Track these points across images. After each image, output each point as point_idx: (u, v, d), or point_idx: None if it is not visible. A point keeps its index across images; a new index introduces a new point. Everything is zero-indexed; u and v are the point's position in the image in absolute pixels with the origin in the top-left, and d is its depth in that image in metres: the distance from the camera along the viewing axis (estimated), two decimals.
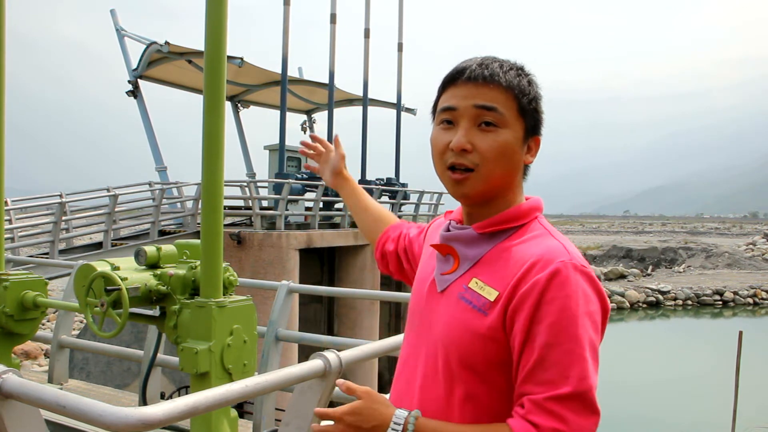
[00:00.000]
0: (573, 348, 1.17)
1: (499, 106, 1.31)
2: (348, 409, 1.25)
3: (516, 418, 1.19)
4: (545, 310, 1.19)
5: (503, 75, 1.32)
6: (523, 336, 1.21)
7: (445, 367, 1.31)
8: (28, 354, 14.55)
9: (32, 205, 14.20)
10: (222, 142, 3.12)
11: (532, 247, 1.28)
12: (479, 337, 1.26)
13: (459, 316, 1.30)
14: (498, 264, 1.30)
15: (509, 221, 1.35)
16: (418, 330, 1.43)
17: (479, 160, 1.30)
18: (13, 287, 4.16)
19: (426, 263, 1.52)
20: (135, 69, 16.98)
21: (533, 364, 1.18)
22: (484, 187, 1.33)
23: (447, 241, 1.41)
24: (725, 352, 12.76)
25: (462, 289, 1.32)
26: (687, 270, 32.46)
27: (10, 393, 1.78)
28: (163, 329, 3.44)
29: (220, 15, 3.06)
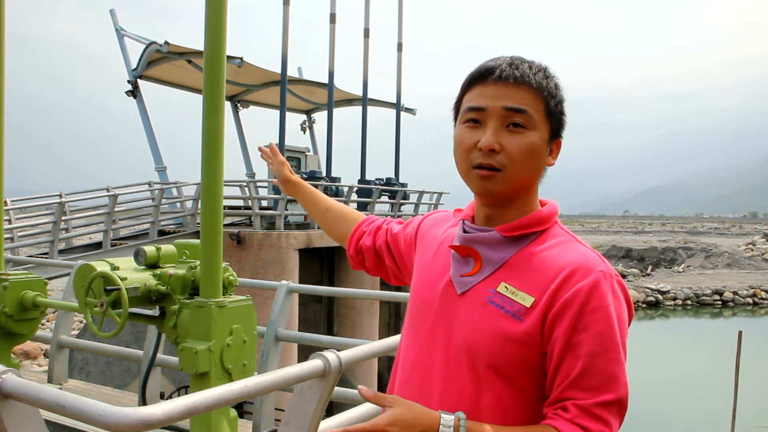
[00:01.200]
0: (615, 356, 1.22)
1: (529, 109, 1.31)
2: (388, 420, 1.17)
3: (561, 421, 1.21)
4: (589, 319, 1.22)
5: (533, 76, 1.32)
6: (564, 343, 1.23)
7: (471, 372, 1.30)
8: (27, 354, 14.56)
9: (32, 205, 14.20)
10: (222, 142, 3.12)
11: (565, 254, 1.30)
12: (514, 342, 1.26)
13: (489, 320, 1.29)
14: (527, 269, 1.30)
15: (534, 225, 1.35)
16: (431, 332, 1.39)
17: (506, 161, 1.30)
18: (12, 287, 4.15)
19: (432, 263, 1.48)
20: (135, 69, 16.98)
21: (579, 372, 1.21)
22: (509, 188, 1.33)
23: (468, 242, 1.38)
24: (725, 352, 12.77)
25: (489, 293, 1.31)
26: (686, 270, 32.47)
27: (9, 393, 1.78)
28: (162, 329, 3.44)
29: (220, 15, 3.06)
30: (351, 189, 16.69)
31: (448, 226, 1.53)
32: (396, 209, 18.75)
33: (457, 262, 1.39)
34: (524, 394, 1.28)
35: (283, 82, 16.59)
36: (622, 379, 1.23)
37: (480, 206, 1.41)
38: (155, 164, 17.47)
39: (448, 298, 1.37)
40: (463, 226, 1.43)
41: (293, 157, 18.81)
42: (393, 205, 18.94)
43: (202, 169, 3.11)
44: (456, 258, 1.40)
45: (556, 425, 1.20)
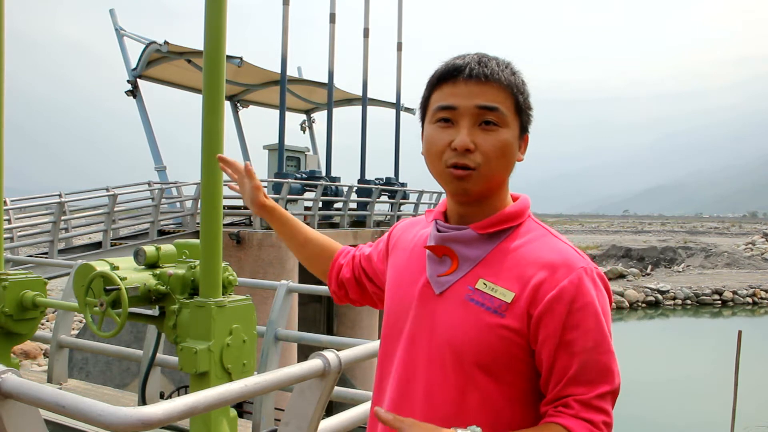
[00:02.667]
0: (607, 348, 1.25)
1: (501, 106, 1.30)
2: None
3: (566, 418, 1.22)
4: (578, 316, 1.24)
5: (501, 73, 1.32)
6: (556, 342, 1.24)
7: (457, 372, 1.29)
8: (27, 354, 14.55)
9: (31, 205, 14.20)
10: (221, 142, 3.13)
11: (543, 249, 1.31)
12: (497, 338, 1.26)
13: (471, 318, 1.29)
14: (505, 265, 1.30)
15: (508, 221, 1.35)
16: (411, 335, 1.37)
17: (481, 160, 1.30)
18: (12, 287, 4.16)
19: (407, 266, 1.46)
20: (134, 68, 16.99)
21: (577, 369, 1.23)
22: (484, 186, 1.32)
23: (444, 241, 1.37)
24: (724, 352, 12.77)
25: (468, 291, 1.31)
26: (686, 269, 32.46)
27: (9, 393, 1.78)
28: (162, 329, 3.44)
29: (220, 15, 3.06)
30: (351, 189, 16.68)
31: (420, 228, 1.51)
32: (396, 209, 18.74)
33: (433, 263, 1.38)
34: (513, 392, 1.29)
35: (283, 82, 16.58)
36: (615, 370, 1.26)
37: (453, 205, 1.41)
38: (155, 164, 17.47)
39: (426, 299, 1.36)
40: (436, 226, 1.41)
41: (292, 157, 18.80)
42: (393, 205, 18.93)
43: (202, 168, 3.12)
44: (432, 258, 1.39)
45: (563, 423, 1.21)
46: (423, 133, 1.40)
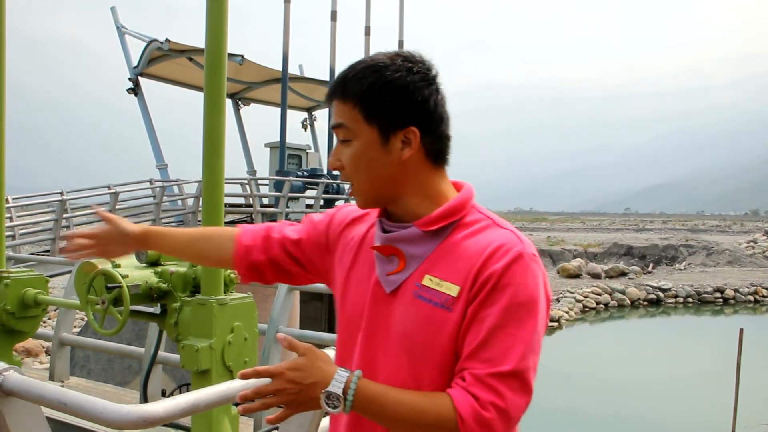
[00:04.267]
0: (517, 332, 1.23)
1: (345, 121, 1.35)
2: (290, 365, 1.20)
3: (456, 388, 1.22)
4: (497, 295, 1.24)
5: (347, 86, 1.35)
6: (471, 318, 1.25)
7: (412, 368, 1.31)
8: (29, 351, 14.56)
9: (33, 203, 14.22)
10: (222, 140, 3.12)
11: (485, 239, 1.31)
12: (447, 333, 1.27)
13: (421, 315, 1.30)
14: (450, 259, 1.31)
15: (450, 216, 1.35)
16: (367, 335, 1.39)
17: (349, 174, 1.38)
18: (14, 285, 4.16)
19: (358, 266, 1.47)
20: (136, 66, 16.99)
21: (479, 343, 1.23)
22: (366, 196, 1.38)
23: (390, 241, 1.38)
24: (726, 350, 12.76)
25: (416, 288, 1.32)
26: (688, 267, 32.43)
27: (11, 390, 1.78)
28: (163, 327, 3.44)
29: (221, 12, 3.06)
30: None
31: (369, 224, 1.51)
32: None
33: (381, 262, 1.39)
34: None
35: (284, 80, 16.59)
36: (519, 353, 1.22)
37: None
38: (156, 162, 17.48)
39: (379, 298, 1.37)
40: (381, 225, 1.42)
41: (294, 155, 18.80)
42: None
43: (203, 166, 3.11)
44: (380, 257, 1.39)
45: (450, 392, 1.22)
46: None
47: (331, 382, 1.19)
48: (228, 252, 1.66)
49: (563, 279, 28.12)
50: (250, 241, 1.65)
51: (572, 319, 21.50)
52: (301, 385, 1.19)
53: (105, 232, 1.72)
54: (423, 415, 1.21)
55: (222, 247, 1.68)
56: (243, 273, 1.68)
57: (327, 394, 1.19)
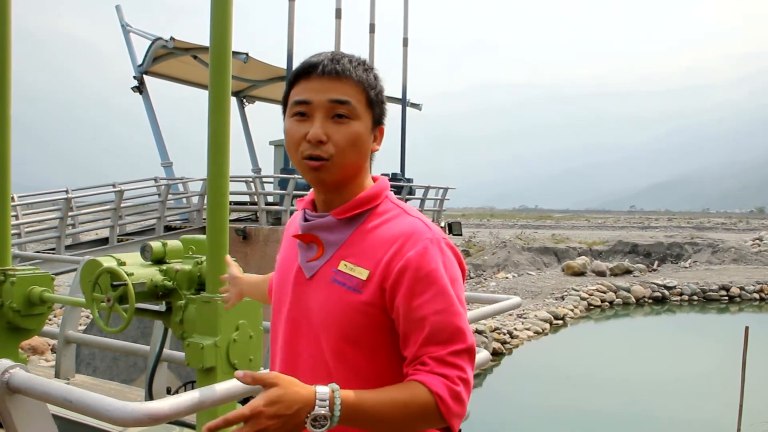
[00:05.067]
0: (455, 310, 1.35)
1: (352, 100, 1.41)
2: (264, 401, 1.15)
3: (422, 374, 1.30)
4: (424, 283, 1.34)
5: (353, 70, 1.43)
6: (407, 309, 1.34)
7: (330, 349, 1.39)
8: (35, 349, 14.60)
9: (39, 201, 14.25)
10: (227, 138, 3.13)
11: (396, 226, 1.41)
12: (357, 313, 1.37)
13: (335, 297, 1.39)
14: (363, 245, 1.41)
15: (363, 204, 1.45)
16: (292, 319, 1.47)
17: (334, 151, 1.40)
18: (19, 283, 4.17)
19: (286, 255, 1.57)
20: (140, 65, 17.00)
21: (429, 330, 1.32)
22: (339, 175, 1.43)
23: (309, 229, 1.48)
24: (731, 348, 12.73)
25: (332, 273, 1.41)
26: (693, 265, 32.32)
27: (17, 388, 1.79)
28: (169, 324, 3.45)
29: (226, 10, 3.07)
30: None
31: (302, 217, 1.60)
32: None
33: (302, 250, 1.49)
34: (379, 361, 1.40)
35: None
36: (466, 330, 1.35)
37: (317, 193, 1.51)
38: (161, 160, 17.50)
39: (299, 283, 1.47)
40: (304, 215, 1.52)
41: None
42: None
43: (208, 164, 3.12)
44: (301, 246, 1.49)
45: (419, 379, 1.30)
46: (284, 128, 1.50)
47: (315, 404, 1.18)
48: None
49: (568, 277, 28.07)
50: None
51: (577, 317, 21.46)
52: (284, 416, 1.15)
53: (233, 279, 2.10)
54: (406, 408, 1.26)
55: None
56: None
57: (314, 416, 1.18)
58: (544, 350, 17.45)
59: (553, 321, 19.85)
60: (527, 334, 17.99)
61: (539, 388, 13.90)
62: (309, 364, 1.43)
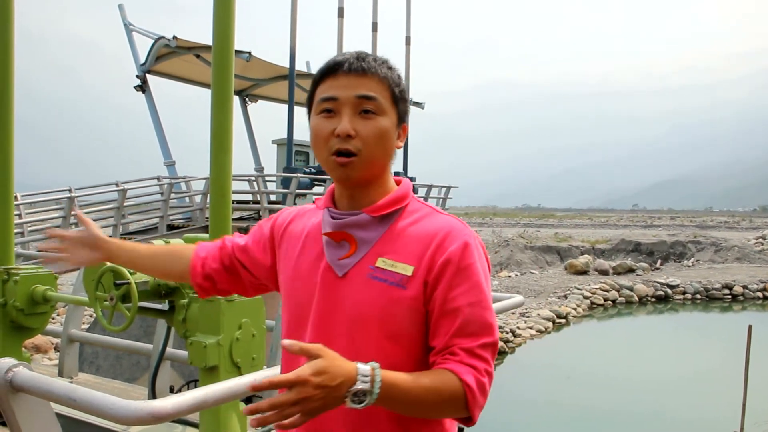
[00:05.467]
0: (487, 305, 1.41)
1: (378, 96, 1.44)
2: (312, 370, 1.17)
3: (453, 363, 1.35)
4: (461, 276, 1.39)
5: (378, 67, 1.46)
6: (444, 300, 1.39)
7: (369, 345, 1.40)
8: (38, 348, 14.64)
9: (42, 200, 14.27)
10: (230, 137, 3.13)
11: (432, 223, 1.46)
12: (403, 308, 1.39)
13: (376, 294, 1.40)
14: (400, 243, 1.44)
15: (397, 203, 1.49)
16: (321, 318, 1.45)
17: (362, 145, 1.42)
18: (23, 281, 4.18)
19: (304, 255, 1.54)
20: (143, 64, 17.02)
21: (462, 321, 1.37)
22: (366, 171, 1.45)
23: (341, 227, 1.48)
24: (734, 347, 12.72)
25: (369, 270, 1.42)
26: (696, 264, 32.28)
27: (21, 386, 1.79)
28: (172, 323, 3.45)
29: (228, 10, 3.07)
30: None
31: (309, 218, 1.60)
32: None
33: (332, 248, 1.48)
34: (412, 353, 1.42)
35: (292, 77, 16.58)
36: (495, 324, 1.41)
37: (342, 191, 1.51)
38: (164, 159, 17.51)
39: (329, 283, 1.46)
40: (330, 213, 1.51)
41: (301, 151, 18.81)
42: None
43: (211, 163, 3.12)
44: (331, 244, 1.48)
45: (450, 368, 1.34)
46: (310, 126, 1.52)
47: (357, 379, 1.21)
48: (186, 265, 1.75)
49: (571, 275, 28.05)
50: (205, 252, 1.75)
51: (580, 315, 21.45)
52: (328, 388, 1.18)
53: (82, 237, 1.79)
54: (438, 394, 1.31)
55: (182, 261, 1.76)
56: (199, 282, 1.74)
57: (355, 392, 1.21)
58: (546, 349, 17.45)
59: (555, 320, 19.85)
60: (530, 333, 17.99)
61: (542, 386, 13.90)
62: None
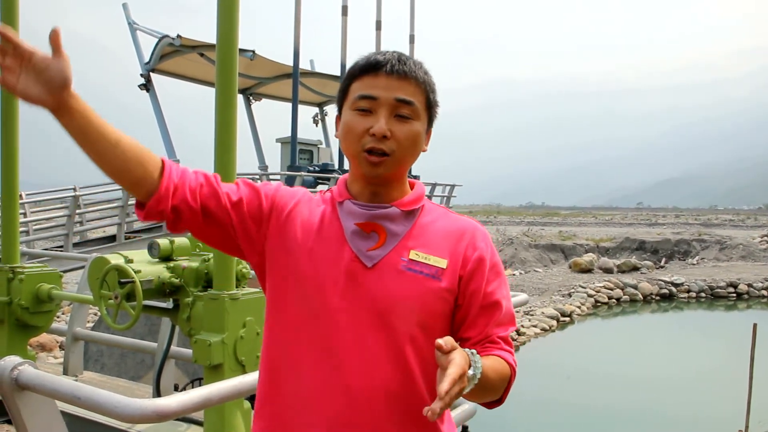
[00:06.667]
0: (509, 296, 1.58)
1: (415, 101, 1.47)
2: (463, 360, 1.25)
3: (498, 349, 1.48)
4: (493, 272, 1.53)
5: (417, 71, 1.49)
6: (483, 293, 1.50)
7: (402, 334, 1.44)
8: (43, 346, 14.67)
9: (47, 199, 14.31)
10: (234, 135, 3.13)
11: (455, 222, 1.56)
12: (438, 299, 1.46)
13: (413, 285, 1.45)
14: (427, 237, 1.51)
15: (420, 200, 1.56)
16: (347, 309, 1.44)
17: (395, 147, 1.46)
18: (28, 280, 4.19)
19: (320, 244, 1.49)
20: (147, 62, 17.04)
21: (500, 314, 1.51)
22: (394, 171, 1.49)
23: (374, 219, 1.50)
24: (739, 345, 12.69)
25: (402, 261, 1.47)
26: (701, 262, 32.18)
27: (26, 384, 1.80)
28: (176, 321, 3.46)
29: (232, 8, 3.07)
30: None
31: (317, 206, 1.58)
32: None
33: (359, 238, 1.49)
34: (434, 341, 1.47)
35: (295, 75, 16.59)
36: (514, 314, 1.57)
37: (364, 185, 1.53)
38: (168, 157, 17.49)
39: (356, 273, 1.47)
40: (355, 205, 1.52)
41: (305, 150, 18.81)
42: None
43: (215, 162, 3.12)
44: (359, 234, 1.49)
45: (498, 354, 1.47)
46: (340, 118, 1.54)
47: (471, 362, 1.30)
48: (154, 177, 1.44)
49: (575, 274, 28.00)
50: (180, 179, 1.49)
51: (584, 314, 21.41)
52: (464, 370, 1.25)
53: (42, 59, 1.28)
54: (502, 378, 1.44)
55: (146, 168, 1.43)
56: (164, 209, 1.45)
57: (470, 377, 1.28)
58: (551, 347, 17.43)
59: (560, 318, 19.81)
60: (534, 331, 17.96)
61: (546, 384, 13.88)
62: (377, 350, 1.44)
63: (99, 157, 1.39)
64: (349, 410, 1.42)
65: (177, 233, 1.72)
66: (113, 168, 1.40)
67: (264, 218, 1.55)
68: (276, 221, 1.55)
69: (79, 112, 1.33)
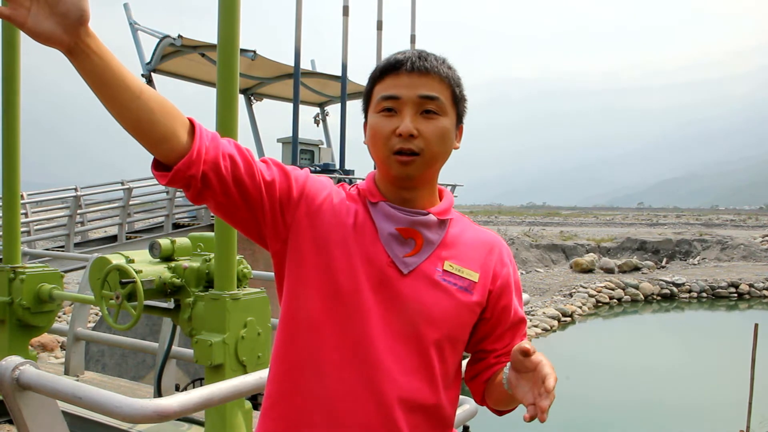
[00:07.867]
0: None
1: (440, 96, 1.42)
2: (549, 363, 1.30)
3: None
4: (518, 288, 1.59)
5: (440, 67, 1.44)
6: (512, 307, 1.54)
7: (431, 344, 1.42)
8: (44, 346, 14.69)
9: (48, 199, 14.31)
10: (235, 135, 3.13)
11: (480, 234, 1.56)
12: (469, 313, 1.46)
13: (446, 296, 1.43)
14: (459, 248, 1.49)
15: (451, 209, 1.53)
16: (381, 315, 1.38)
17: (424, 145, 1.40)
18: (29, 280, 4.20)
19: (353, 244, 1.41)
20: (148, 62, 17.03)
21: (524, 329, 1.57)
22: (425, 170, 1.43)
23: (414, 225, 1.45)
24: (741, 345, 12.68)
25: (437, 272, 1.44)
26: (702, 262, 32.18)
27: (27, 384, 1.80)
28: (177, 321, 3.46)
29: (233, 8, 3.07)
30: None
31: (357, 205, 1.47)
32: None
33: (397, 244, 1.43)
34: (458, 352, 1.51)
35: (296, 75, 16.59)
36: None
37: (395, 189, 1.47)
38: None
39: (391, 278, 1.41)
40: (391, 208, 1.45)
41: (306, 150, 18.81)
42: None
43: None
44: (397, 239, 1.43)
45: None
46: (366, 124, 1.49)
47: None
48: (182, 135, 1.27)
49: (576, 274, 28.00)
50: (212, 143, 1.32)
51: (585, 314, 21.41)
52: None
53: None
54: None
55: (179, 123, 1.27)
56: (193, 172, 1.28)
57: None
58: (552, 347, 17.43)
59: (561, 318, 19.82)
60: (535, 332, 17.97)
61: None
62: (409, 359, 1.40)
63: (120, 108, 1.22)
64: (379, 418, 1.37)
65: (198, 204, 1.55)
66: (136, 120, 1.22)
67: (293, 205, 1.43)
68: (306, 210, 1.44)
69: (98, 54, 1.17)
